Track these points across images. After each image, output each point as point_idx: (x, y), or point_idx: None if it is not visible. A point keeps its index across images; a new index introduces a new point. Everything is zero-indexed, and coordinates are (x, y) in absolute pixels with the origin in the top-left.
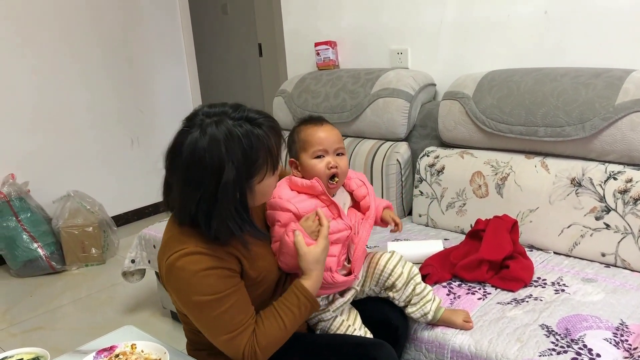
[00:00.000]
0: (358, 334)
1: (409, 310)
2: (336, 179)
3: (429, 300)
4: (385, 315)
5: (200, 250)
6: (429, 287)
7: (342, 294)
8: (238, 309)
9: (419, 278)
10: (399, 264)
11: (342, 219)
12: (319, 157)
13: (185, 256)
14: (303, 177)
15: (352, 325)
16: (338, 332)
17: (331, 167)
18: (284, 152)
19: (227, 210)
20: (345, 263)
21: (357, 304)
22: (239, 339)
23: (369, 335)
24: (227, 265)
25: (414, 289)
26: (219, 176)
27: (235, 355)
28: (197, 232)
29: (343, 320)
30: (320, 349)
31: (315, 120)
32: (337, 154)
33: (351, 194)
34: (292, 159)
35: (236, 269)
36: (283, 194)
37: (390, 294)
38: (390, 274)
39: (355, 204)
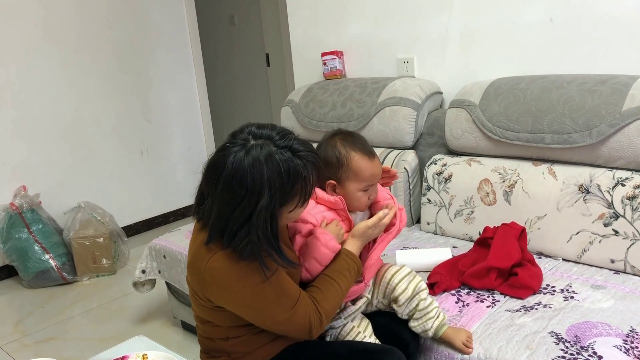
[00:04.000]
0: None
1: (412, 324)
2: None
3: (431, 317)
4: (397, 330)
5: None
6: (434, 304)
7: (353, 302)
8: (289, 284)
9: (424, 294)
10: (404, 279)
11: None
12: (364, 190)
13: (224, 255)
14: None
15: (363, 332)
16: (348, 338)
17: (372, 198)
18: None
19: (255, 233)
20: None
21: (368, 317)
22: (300, 311)
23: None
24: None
25: (417, 305)
26: (257, 199)
27: (301, 328)
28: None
29: (354, 327)
30: (329, 356)
31: (367, 150)
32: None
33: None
34: (333, 182)
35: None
36: None
37: (394, 306)
38: (394, 288)
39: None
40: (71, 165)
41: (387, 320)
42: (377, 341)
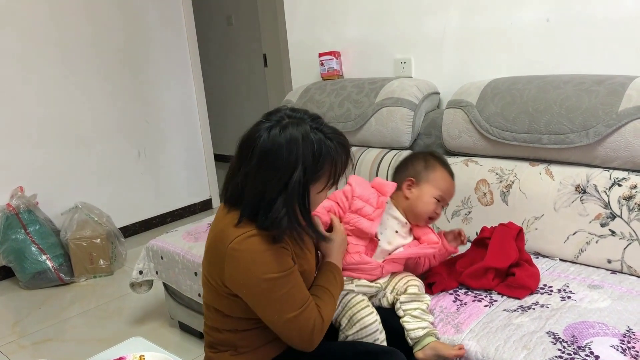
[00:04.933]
0: (372, 322)
1: (403, 319)
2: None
3: (424, 325)
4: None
5: (262, 233)
6: (431, 318)
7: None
8: (301, 285)
9: (424, 306)
10: (418, 286)
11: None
12: (438, 200)
13: (250, 237)
14: (407, 198)
15: (370, 307)
16: (355, 307)
17: (437, 214)
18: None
19: (290, 204)
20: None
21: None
22: (306, 313)
23: (383, 334)
24: (285, 246)
25: (416, 308)
26: (291, 172)
27: (304, 330)
28: (252, 222)
29: (364, 299)
30: (332, 355)
31: (451, 171)
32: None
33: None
34: (412, 179)
35: (290, 252)
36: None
37: (397, 302)
38: (407, 286)
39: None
40: (68, 166)
41: (394, 315)
42: (382, 330)
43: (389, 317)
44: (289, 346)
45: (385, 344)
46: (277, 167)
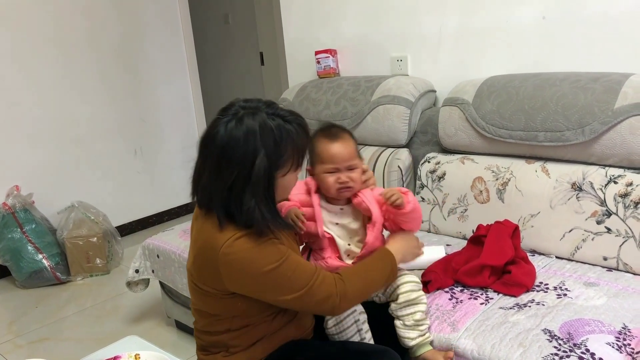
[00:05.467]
0: (358, 320)
1: (399, 326)
2: (345, 192)
3: (420, 333)
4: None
5: (248, 232)
6: (427, 322)
7: None
8: (304, 262)
9: (424, 307)
10: (411, 284)
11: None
12: (330, 172)
13: (239, 239)
14: (318, 184)
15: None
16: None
17: (341, 182)
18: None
19: (258, 195)
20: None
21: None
22: (319, 284)
23: (368, 333)
24: (274, 236)
25: (413, 314)
26: (252, 162)
27: (322, 298)
28: (234, 223)
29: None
30: (324, 355)
31: (330, 133)
32: (349, 169)
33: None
34: (309, 167)
35: (279, 239)
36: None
37: (392, 303)
38: (399, 286)
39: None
40: (64, 164)
41: (386, 312)
42: (369, 332)
43: (382, 313)
44: (282, 344)
45: (372, 342)
46: (237, 159)
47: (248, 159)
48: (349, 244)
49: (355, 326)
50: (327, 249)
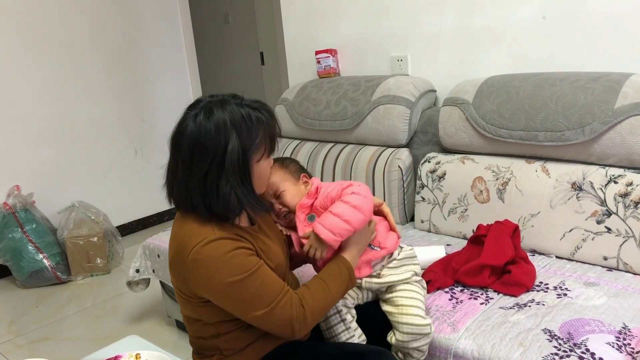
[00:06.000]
0: (344, 320)
1: (392, 339)
2: (289, 215)
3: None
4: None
5: (219, 236)
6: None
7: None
8: (271, 279)
9: (417, 355)
10: (416, 339)
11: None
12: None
13: (206, 245)
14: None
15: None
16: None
17: (279, 210)
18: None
19: (234, 179)
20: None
21: (360, 308)
22: (282, 305)
23: (362, 337)
24: (246, 245)
25: (405, 355)
26: (224, 147)
27: (282, 323)
28: (207, 221)
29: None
30: (321, 356)
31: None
32: (277, 197)
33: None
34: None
35: (253, 250)
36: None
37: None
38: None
39: None
40: (65, 164)
41: (378, 309)
42: (359, 330)
43: (373, 312)
44: (276, 347)
45: (363, 339)
46: (209, 148)
47: (220, 146)
48: None
49: (342, 325)
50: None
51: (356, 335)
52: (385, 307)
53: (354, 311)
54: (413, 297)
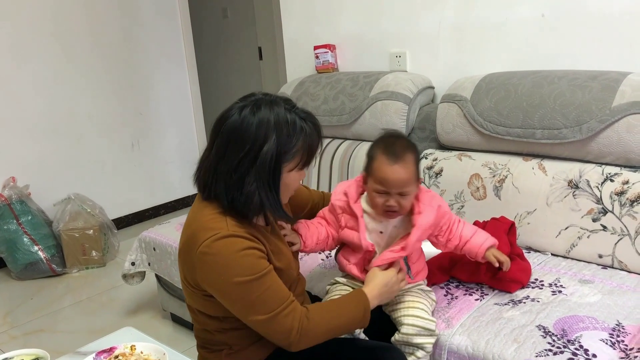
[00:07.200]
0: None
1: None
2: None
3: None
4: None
5: (233, 233)
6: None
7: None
8: (278, 286)
9: (421, 353)
10: (421, 334)
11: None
12: (380, 192)
13: (219, 240)
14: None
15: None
16: (331, 289)
17: (388, 206)
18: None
19: (261, 180)
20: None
21: None
22: (284, 315)
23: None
24: (259, 246)
25: (408, 354)
26: (261, 145)
27: (281, 333)
28: (225, 213)
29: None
30: (331, 353)
31: (392, 152)
32: (401, 194)
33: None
34: (365, 173)
35: (265, 253)
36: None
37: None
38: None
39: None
40: (61, 157)
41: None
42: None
43: (377, 318)
44: None
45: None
46: (246, 141)
47: (257, 143)
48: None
49: None
50: (359, 256)
51: (356, 333)
52: (389, 308)
53: None
54: (419, 300)
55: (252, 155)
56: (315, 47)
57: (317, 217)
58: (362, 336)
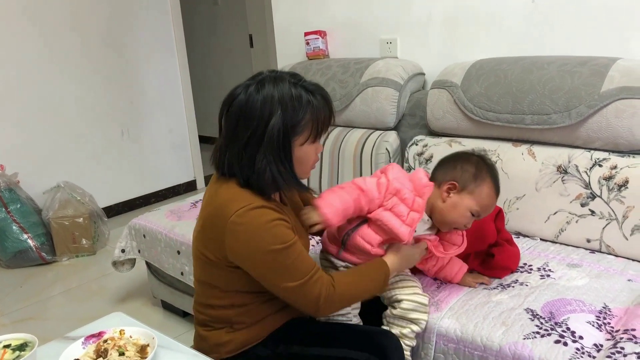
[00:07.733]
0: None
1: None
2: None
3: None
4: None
5: (264, 204)
6: (411, 344)
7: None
8: (306, 255)
9: (416, 328)
10: (417, 310)
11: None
12: (473, 214)
13: (252, 210)
14: (443, 201)
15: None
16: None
17: (465, 226)
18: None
19: (271, 155)
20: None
21: None
22: (314, 281)
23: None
24: (286, 218)
25: (402, 327)
26: (267, 122)
27: (311, 298)
28: (250, 192)
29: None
30: (326, 333)
31: (498, 187)
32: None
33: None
34: (455, 183)
35: (290, 224)
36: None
37: (388, 311)
38: (400, 302)
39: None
40: (50, 144)
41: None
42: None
43: (375, 304)
44: (286, 322)
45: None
46: (253, 119)
47: (263, 120)
48: None
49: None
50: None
51: (353, 321)
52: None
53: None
54: (411, 278)
55: (260, 133)
56: (306, 34)
57: (354, 187)
58: (358, 320)
